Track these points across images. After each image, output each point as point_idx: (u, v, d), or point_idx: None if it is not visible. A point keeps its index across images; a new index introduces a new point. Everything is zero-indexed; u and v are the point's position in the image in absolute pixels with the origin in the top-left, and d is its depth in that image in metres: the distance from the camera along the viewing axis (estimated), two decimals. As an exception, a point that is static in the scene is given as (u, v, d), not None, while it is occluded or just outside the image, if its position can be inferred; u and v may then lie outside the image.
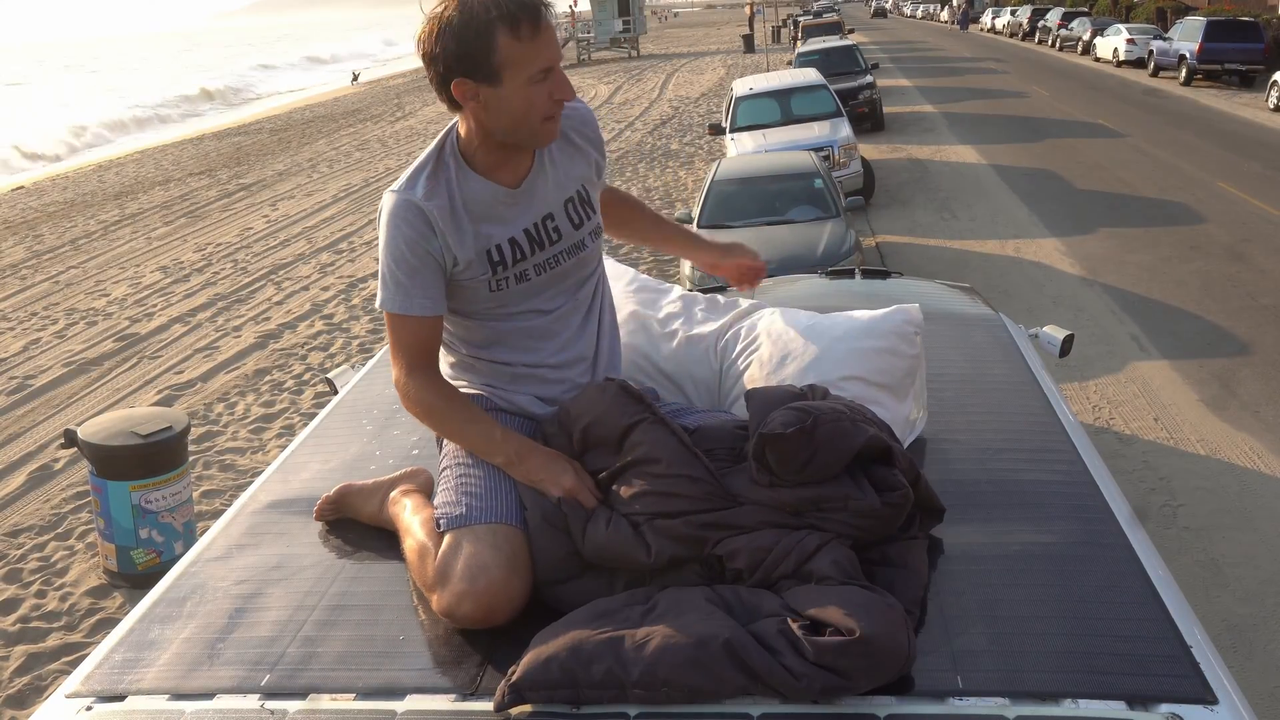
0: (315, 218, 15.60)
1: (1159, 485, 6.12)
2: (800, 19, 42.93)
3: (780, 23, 49.93)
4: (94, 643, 5.15)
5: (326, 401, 8.04)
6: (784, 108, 14.51)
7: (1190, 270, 10.22)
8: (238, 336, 9.99)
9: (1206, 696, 1.45)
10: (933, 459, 2.19)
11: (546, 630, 1.61)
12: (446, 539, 1.82)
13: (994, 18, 50.38)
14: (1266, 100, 20.88)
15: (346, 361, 8.92)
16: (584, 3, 49.49)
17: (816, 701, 1.47)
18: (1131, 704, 1.43)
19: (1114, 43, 30.89)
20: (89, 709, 1.61)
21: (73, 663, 5.01)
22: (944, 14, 63.11)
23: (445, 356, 2.16)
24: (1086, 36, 34.97)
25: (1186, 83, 25.04)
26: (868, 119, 19.48)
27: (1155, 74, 27.21)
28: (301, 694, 1.59)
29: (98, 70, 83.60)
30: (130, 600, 5.48)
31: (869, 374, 2.12)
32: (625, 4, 45.38)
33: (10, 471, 7.26)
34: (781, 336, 2.21)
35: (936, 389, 2.56)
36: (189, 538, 5.55)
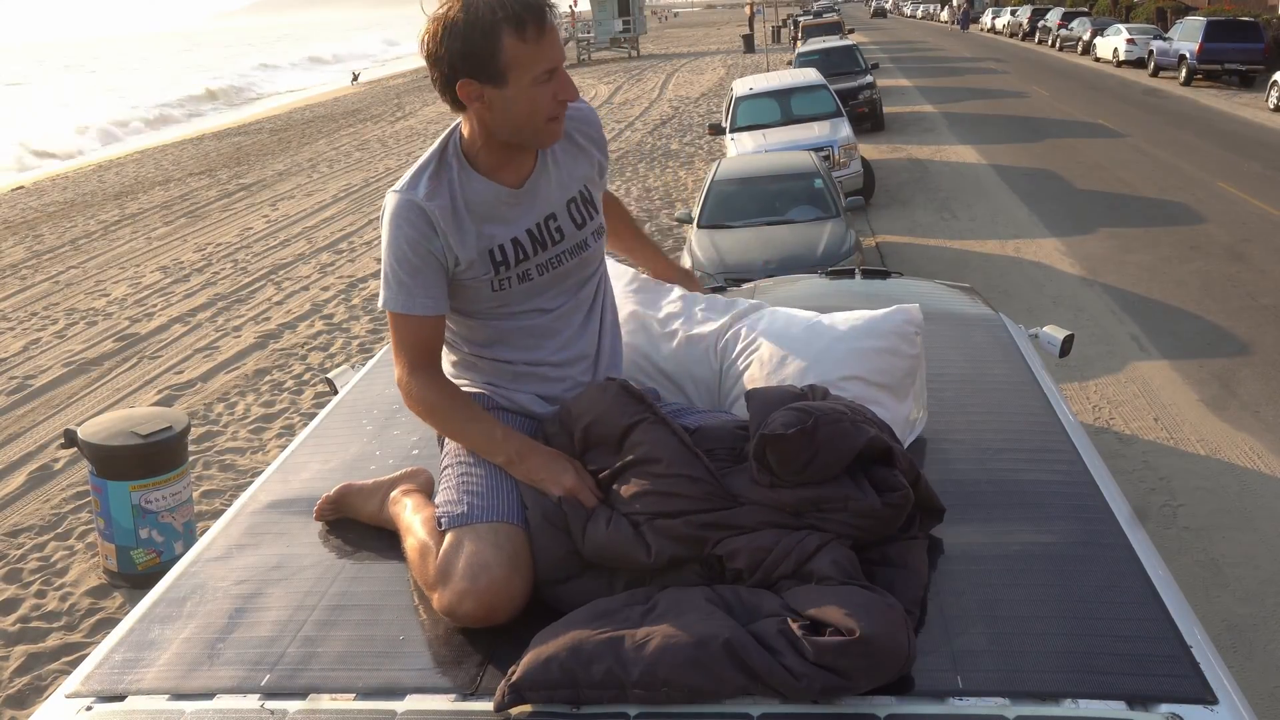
0: (315, 218, 15.60)
1: (1159, 485, 6.12)
2: (800, 19, 42.92)
3: (780, 23, 49.92)
4: (94, 643, 5.15)
5: (326, 401, 8.04)
6: (784, 108, 14.51)
7: (1190, 270, 10.21)
8: (238, 336, 9.99)
9: (1206, 696, 1.45)
10: (933, 459, 2.19)
11: (546, 630, 1.61)
12: (448, 537, 1.83)
13: (994, 18, 50.37)
14: (1266, 100, 20.88)
15: (346, 361, 8.92)
16: (584, 3, 49.50)
17: (816, 701, 1.47)
18: (1131, 704, 1.43)
19: (1114, 43, 30.89)
20: (89, 709, 1.61)
21: (73, 663, 5.01)
22: (944, 14, 63.10)
23: (448, 355, 2.17)
24: (1086, 36, 34.97)
25: (1186, 83, 25.04)
26: (868, 119, 19.49)
27: (1155, 74, 27.21)
28: (301, 694, 1.59)
29: (96, 70, 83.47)
30: (130, 600, 5.48)
31: (869, 374, 2.12)
32: (625, 4, 45.38)
33: (10, 471, 7.26)
34: (782, 336, 2.21)
35: (936, 389, 2.56)
36: (189, 538, 5.56)
